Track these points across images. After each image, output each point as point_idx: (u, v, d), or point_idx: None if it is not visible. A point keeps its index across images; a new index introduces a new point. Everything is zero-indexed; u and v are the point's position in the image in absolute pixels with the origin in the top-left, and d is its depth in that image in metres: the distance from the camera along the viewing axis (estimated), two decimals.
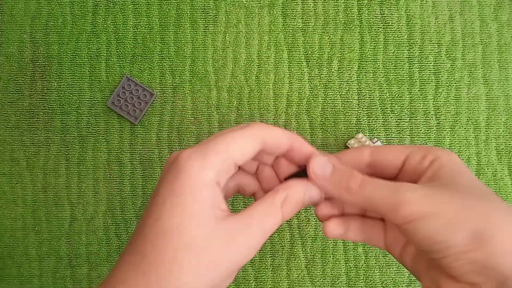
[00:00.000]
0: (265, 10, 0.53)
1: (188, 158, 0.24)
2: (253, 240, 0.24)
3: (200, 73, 0.53)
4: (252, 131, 0.26)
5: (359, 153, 0.28)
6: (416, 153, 0.26)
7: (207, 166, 0.24)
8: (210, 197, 0.23)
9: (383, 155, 0.27)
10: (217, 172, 0.24)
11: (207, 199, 0.23)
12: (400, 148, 0.27)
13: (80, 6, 0.54)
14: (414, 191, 0.23)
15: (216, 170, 0.24)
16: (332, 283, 0.51)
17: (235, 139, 0.25)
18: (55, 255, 0.52)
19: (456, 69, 0.53)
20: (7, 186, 0.53)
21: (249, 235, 0.24)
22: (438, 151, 0.26)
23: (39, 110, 0.53)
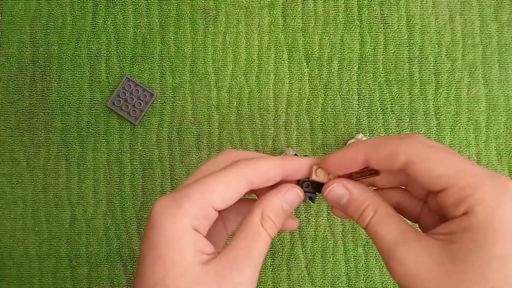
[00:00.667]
0: (265, 10, 0.53)
1: (161, 207, 0.23)
2: (245, 272, 0.23)
3: (200, 73, 0.53)
4: (234, 173, 0.24)
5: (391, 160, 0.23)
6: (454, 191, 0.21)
7: (181, 215, 0.23)
8: (189, 244, 0.23)
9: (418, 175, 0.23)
10: (193, 219, 0.23)
11: (186, 247, 0.22)
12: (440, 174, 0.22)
13: (80, 6, 0.54)
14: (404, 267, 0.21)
15: (191, 218, 0.23)
16: (332, 283, 0.51)
17: (214, 185, 0.24)
18: (55, 256, 0.52)
19: (456, 69, 0.53)
20: (7, 187, 0.53)
21: (239, 269, 0.23)
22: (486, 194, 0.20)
23: (39, 110, 0.53)
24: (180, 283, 0.22)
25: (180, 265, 0.22)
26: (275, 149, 0.52)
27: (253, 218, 0.25)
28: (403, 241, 0.22)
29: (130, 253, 0.52)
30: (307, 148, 0.52)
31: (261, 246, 0.24)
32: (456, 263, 0.20)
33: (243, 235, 0.24)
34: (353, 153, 0.25)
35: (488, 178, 0.21)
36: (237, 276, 0.23)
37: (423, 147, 0.23)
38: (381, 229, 0.23)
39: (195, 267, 0.22)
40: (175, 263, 0.22)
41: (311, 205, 0.52)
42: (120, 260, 0.52)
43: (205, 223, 0.24)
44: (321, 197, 0.27)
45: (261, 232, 0.24)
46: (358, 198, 0.25)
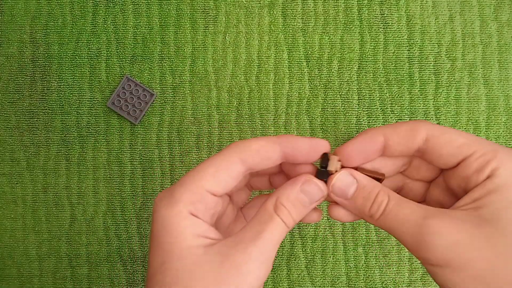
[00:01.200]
0: (265, 10, 0.53)
1: (159, 199, 0.24)
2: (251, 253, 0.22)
3: (200, 73, 0.53)
4: (225, 153, 0.24)
5: (412, 135, 0.23)
6: (476, 158, 0.22)
7: (175, 201, 0.23)
8: (187, 229, 0.22)
9: (438, 146, 0.23)
10: (188, 204, 0.23)
11: (184, 231, 0.22)
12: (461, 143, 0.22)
13: (80, 6, 0.54)
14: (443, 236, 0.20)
15: (185, 203, 0.23)
16: (332, 283, 0.51)
17: (205, 167, 0.24)
18: (55, 255, 0.52)
19: (456, 69, 0.53)
20: (7, 186, 0.53)
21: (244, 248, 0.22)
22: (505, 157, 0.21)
23: (39, 110, 0.53)
24: (179, 266, 0.22)
25: (178, 248, 0.22)
26: None
27: (267, 204, 0.24)
28: (433, 215, 0.21)
29: (130, 253, 0.52)
30: None
31: (273, 230, 0.23)
32: (493, 223, 0.20)
33: (255, 220, 0.24)
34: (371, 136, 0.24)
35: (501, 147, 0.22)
36: (241, 255, 0.22)
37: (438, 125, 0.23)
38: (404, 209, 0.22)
39: (196, 250, 0.22)
40: (173, 247, 0.22)
41: None
42: (120, 260, 0.52)
43: (202, 207, 0.23)
44: None
45: (274, 217, 0.23)
46: (367, 185, 0.24)
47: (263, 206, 0.24)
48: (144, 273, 0.52)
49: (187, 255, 0.22)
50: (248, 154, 0.24)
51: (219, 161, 0.24)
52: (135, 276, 0.52)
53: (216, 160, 0.24)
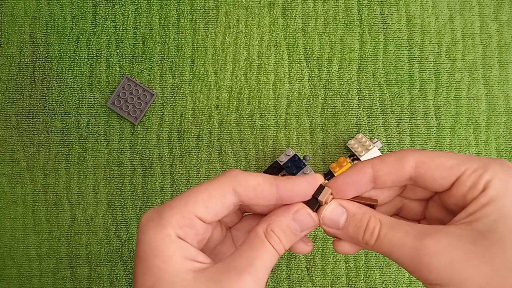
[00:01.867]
0: (265, 10, 0.53)
1: (146, 219, 0.23)
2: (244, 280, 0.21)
3: (200, 73, 0.53)
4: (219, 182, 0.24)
5: (400, 164, 0.23)
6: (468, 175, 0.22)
7: (164, 224, 0.22)
8: (176, 252, 0.22)
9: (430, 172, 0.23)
10: (177, 228, 0.22)
11: (173, 255, 0.22)
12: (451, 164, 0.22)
13: (80, 6, 0.54)
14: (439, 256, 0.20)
15: (174, 226, 0.22)
16: (332, 283, 0.51)
17: (197, 194, 0.23)
18: (55, 256, 0.52)
19: (456, 69, 0.53)
20: (7, 187, 0.53)
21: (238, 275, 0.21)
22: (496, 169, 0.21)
23: (39, 110, 0.53)
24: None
25: (169, 273, 0.22)
26: (275, 149, 0.52)
27: (258, 230, 0.24)
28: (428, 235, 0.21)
29: (130, 253, 0.52)
30: (307, 148, 0.52)
31: (264, 257, 0.23)
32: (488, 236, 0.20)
33: (246, 245, 0.23)
34: (360, 169, 0.24)
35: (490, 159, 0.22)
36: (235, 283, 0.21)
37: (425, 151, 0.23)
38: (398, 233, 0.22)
39: (187, 274, 0.22)
40: (164, 272, 0.22)
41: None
42: (120, 260, 0.52)
43: (191, 232, 0.23)
44: None
45: (265, 244, 0.23)
46: (357, 213, 0.24)
47: (254, 231, 0.24)
48: None
49: (178, 280, 0.21)
50: (243, 188, 0.24)
51: (213, 189, 0.23)
52: None
53: (210, 187, 0.23)
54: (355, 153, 0.49)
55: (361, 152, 0.48)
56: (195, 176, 0.52)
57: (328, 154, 0.52)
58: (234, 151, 0.52)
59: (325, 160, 0.52)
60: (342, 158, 0.49)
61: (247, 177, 0.24)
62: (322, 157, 0.52)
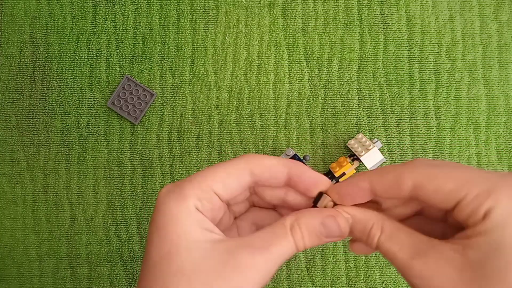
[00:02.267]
0: (265, 10, 0.53)
1: (166, 192, 0.24)
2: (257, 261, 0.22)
3: (200, 73, 0.53)
4: (237, 162, 0.25)
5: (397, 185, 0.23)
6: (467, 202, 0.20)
7: (184, 196, 0.23)
8: (196, 223, 0.23)
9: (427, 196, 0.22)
10: (196, 200, 0.23)
11: (193, 224, 0.23)
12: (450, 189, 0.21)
13: (80, 6, 0.54)
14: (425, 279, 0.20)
15: (194, 198, 0.23)
16: (332, 283, 0.51)
17: (216, 171, 0.24)
18: (55, 256, 0.52)
19: (456, 69, 0.53)
20: (7, 186, 0.53)
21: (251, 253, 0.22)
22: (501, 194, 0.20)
23: (39, 110, 0.53)
24: (185, 257, 0.22)
25: (187, 240, 0.22)
26: (275, 149, 0.52)
27: (286, 220, 0.24)
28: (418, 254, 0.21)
29: (130, 253, 0.52)
30: (307, 148, 0.52)
31: (282, 246, 0.23)
32: (475, 268, 0.20)
33: (269, 230, 0.24)
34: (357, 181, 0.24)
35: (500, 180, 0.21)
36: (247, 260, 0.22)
37: (426, 168, 0.22)
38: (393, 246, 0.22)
39: (205, 244, 0.22)
40: (182, 239, 0.22)
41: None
42: (120, 260, 0.52)
43: (208, 206, 0.24)
44: None
45: (288, 235, 0.23)
46: (361, 219, 0.24)
47: (281, 220, 0.24)
48: None
49: (195, 247, 0.22)
50: (260, 168, 0.25)
51: (230, 167, 0.24)
52: (135, 276, 0.52)
53: (228, 166, 0.25)
54: (355, 153, 0.49)
55: (361, 152, 0.48)
56: None
57: (328, 154, 0.52)
58: (234, 151, 0.52)
59: (325, 160, 0.52)
60: (342, 158, 0.49)
61: (262, 158, 0.25)
62: (322, 157, 0.52)
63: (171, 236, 0.22)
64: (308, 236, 0.24)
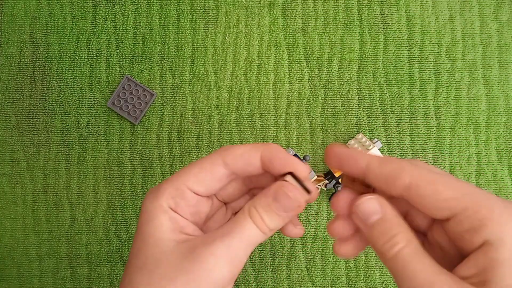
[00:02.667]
0: (265, 10, 0.53)
1: (148, 192, 0.25)
2: (216, 250, 0.22)
3: (200, 73, 0.53)
4: (211, 156, 0.25)
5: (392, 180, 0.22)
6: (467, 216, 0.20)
7: (158, 195, 0.24)
8: (166, 221, 0.24)
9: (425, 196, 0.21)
10: (169, 199, 0.24)
11: (163, 223, 0.24)
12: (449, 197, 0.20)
13: (80, 6, 0.54)
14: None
15: (167, 198, 0.24)
16: (332, 283, 0.51)
17: (191, 167, 0.25)
18: (55, 256, 0.52)
19: (456, 69, 0.53)
20: (7, 187, 0.53)
21: (210, 244, 0.22)
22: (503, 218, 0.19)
23: (39, 110, 0.53)
24: (149, 253, 0.23)
25: (154, 238, 0.23)
26: None
27: (245, 207, 0.24)
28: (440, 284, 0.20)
29: None
30: (307, 148, 0.52)
31: (242, 230, 0.23)
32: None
33: (230, 221, 0.24)
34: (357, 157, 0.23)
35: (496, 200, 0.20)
36: (206, 250, 0.22)
37: (428, 172, 0.21)
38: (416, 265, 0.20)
39: (169, 242, 0.23)
40: (150, 236, 0.23)
41: (311, 205, 0.52)
42: (120, 260, 0.52)
43: (182, 203, 0.25)
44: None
45: (246, 219, 0.23)
46: (391, 220, 0.22)
47: (242, 208, 0.24)
48: None
49: (159, 244, 0.23)
50: (231, 157, 0.25)
51: (204, 162, 0.25)
52: None
53: (202, 161, 0.25)
54: None
55: None
56: None
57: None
58: None
59: None
60: None
61: (235, 147, 0.25)
62: (322, 157, 0.52)
63: (144, 235, 0.24)
64: (266, 216, 0.23)
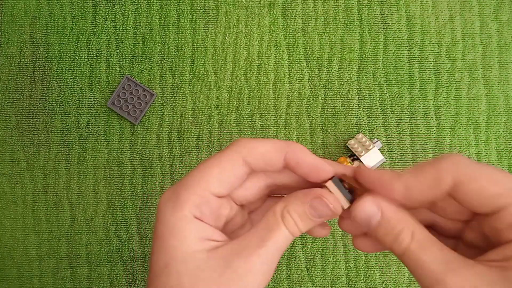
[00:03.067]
0: (265, 10, 0.53)
1: (165, 200, 0.24)
2: (253, 261, 0.21)
3: (200, 73, 0.53)
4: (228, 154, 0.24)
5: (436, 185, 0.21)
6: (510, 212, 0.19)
7: (181, 204, 0.23)
8: (192, 232, 0.23)
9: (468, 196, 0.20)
10: (193, 208, 0.23)
11: (189, 235, 0.22)
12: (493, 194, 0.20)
13: (80, 6, 0.54)
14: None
15: (190, 207, 0.23)
16: (332, 283, 0.51)
17: (209, 170, 0.23)
18: (55, 256, 0.52)
19: (456, 69, 0.53)
20: (7, 187, 0.53)
21: (247, 257, 0.22)
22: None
23: (39, 110, 0.53)
24: (181, 269, 0.22)
25: (182, 252, 0.22)
26: None
27: (276, 209, 0.23)
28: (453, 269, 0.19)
29: (130, 253, 0.52)
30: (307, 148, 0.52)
31: (277, 238, 0.22)
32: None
33: (262, 224, 0.23)
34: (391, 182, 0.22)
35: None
36: (243, 264, 0.21)
37: (469, 165, 0.20)
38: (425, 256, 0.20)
39: (201, 254, 0.22)
40: (177, 250, 0.22)
41: None
42: (120, 260, 0.52)
43: (207, 210, 0.23)
44: None
45: (280, 225, 0.23)
46: (391, 218, 0.22)
47: (271, 211, 0.23)
48: (144, 273, 0.52)
49: (191, 259, 0.22)
50: (253, 157, 0.24)
51: (223, 162, 0.24)
52: (135, 276, 0.52)
53: (220, 160, 0.24)
54: (355, 153, 0.49)
55: (361, 152, 0.48)
56: None
57: (328, 154, 0.52)
58: None
59: None
60: (342, 158, 0.49)
61: (255, 144, 0.24)
62: (322, 157, 0.52)
63: (169, 248, 0.22)
64: (300, 221, 0.23)
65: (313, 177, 0.24)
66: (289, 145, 0.24)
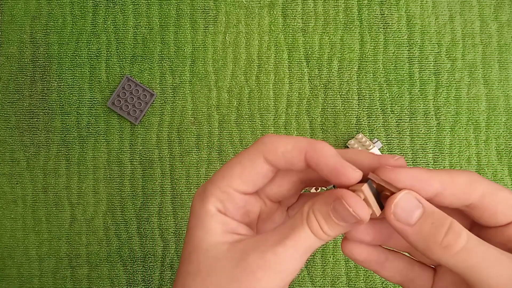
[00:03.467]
0: (265, 10, 0.53)
1: (196, 193, 0.25)
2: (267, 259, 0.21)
3: (200, 73, 0.53)
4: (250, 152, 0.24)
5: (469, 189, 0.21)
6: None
7: (206, 198, 0.24)
8: (217, 225, 0.23)
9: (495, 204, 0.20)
10: (217, 202, 0.24)
11: (214, 227, 0.23)
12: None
13: (80, 6, 0.54)
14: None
15: (214, 201, 0.24)
16: (332, 283, 0.51)
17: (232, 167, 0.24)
18: (55, 256, 0.52)
19: (456, 69, 0.53)
20: (7, 187, 0.53)
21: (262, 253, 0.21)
22: None
23: (39, 110, 0.53)
24: (201, 258, 0.22)
25: (206, 242, 0.23)
26: None
27: (304, 208, 0.22)
28: None
29: (130, 253, 0.52)
30: None
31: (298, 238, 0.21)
32: None
33: (288, 222, 0.22)
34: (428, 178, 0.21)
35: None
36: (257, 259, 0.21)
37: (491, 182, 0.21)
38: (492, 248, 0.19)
39: (222, 245, 0.23)
40: (202, 241, 0.23)
41: None
42: (120, 260, 0.52)
43: (231, 206, 0.24)
44: None
45: (303, 225, 0.22)
46: (435, 211, 0.20)
47: (300, 209, 0.23)
48: (144, 273, 0.52)
49: (212, 249, 0.23)
50: (273, 156, 0.23)
51: (244, 160, 0.24)
52: (135, 276, 0.52)
53: (242, 159, 0.24)
54: None
55: None
56: (195, 176, 0.52)
57: None
58: (234, 151, 0.52)
59: None
60: None
61: (276, 143, 0.23)
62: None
63: (194, 238, 0.23)
64: (325, 223, 0.22)
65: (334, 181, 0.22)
66: (311, 143, 0.23)
